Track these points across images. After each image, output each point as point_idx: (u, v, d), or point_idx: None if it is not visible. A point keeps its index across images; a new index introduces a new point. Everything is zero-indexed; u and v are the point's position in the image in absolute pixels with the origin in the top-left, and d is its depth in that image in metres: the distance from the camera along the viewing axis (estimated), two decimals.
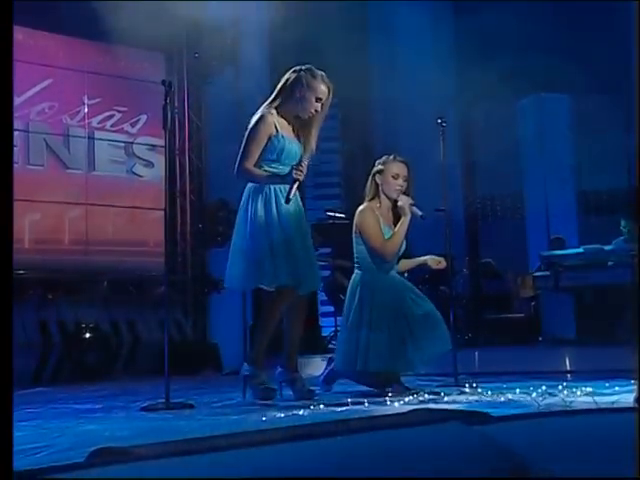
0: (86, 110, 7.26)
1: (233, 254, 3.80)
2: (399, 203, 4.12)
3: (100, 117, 7.36)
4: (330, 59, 8.09)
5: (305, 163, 3.66)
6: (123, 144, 7.51)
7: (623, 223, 7.47)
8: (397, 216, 4.17)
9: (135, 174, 7.57)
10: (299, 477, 1.28)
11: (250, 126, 3.83)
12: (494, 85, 7.80)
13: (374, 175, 4.20)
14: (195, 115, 8.02)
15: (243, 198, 3.84)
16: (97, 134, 7.34)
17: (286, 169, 3.74)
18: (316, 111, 3.84)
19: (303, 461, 1.35)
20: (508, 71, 7.98)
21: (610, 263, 7.02)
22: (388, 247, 4.06)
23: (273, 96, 3.90)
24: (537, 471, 1.41)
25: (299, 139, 3.88)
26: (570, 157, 9.87)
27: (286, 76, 3.92)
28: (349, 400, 3.52)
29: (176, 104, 7.72)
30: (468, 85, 8.75)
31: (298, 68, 3.92)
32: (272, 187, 3.75)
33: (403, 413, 2.23)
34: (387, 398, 3.59)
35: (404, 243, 4.17)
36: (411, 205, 4.09)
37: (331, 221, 7.55)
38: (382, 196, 4.17)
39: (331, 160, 9.36)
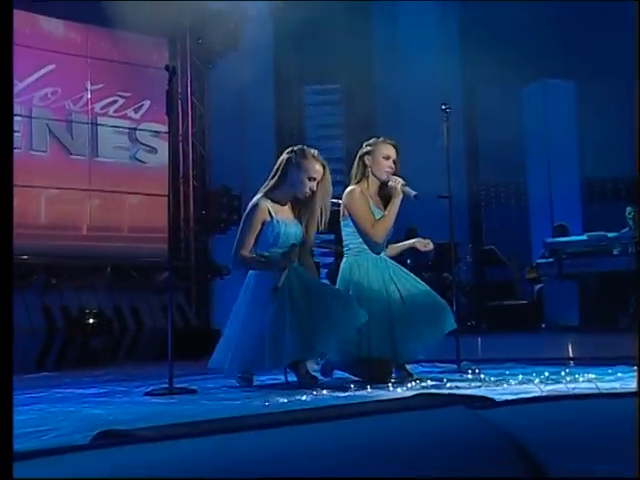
0: (89, 96, 7.24)
1: (222, 340, 3.89)
2: (390, 183, 4.02)
3: (103, 103, 7.34)
4: (333, 44, 8.08)
5: (295, 251, 3.70)
6: (127, 130, 7.50)
7: (628, 210, 7.45)
8: (385, 198, 4.09)
9: (138, 160, 7.56)
10: (301, 460, 1.28)
11: (245, 214, 3.91)
12: (499, 71, 7.76)
13: (362, 157, 4.09)
14: (198, 101, 8.00)
15: (244, 284, 3.92)
16: (100, 120, 7.33)
17: (283, 251, 3.77)
18: (312, 190, 3.83)
19: (305, 444, 1.35)
20: (513, 57, 7.94)
21: (615, 251, 7.00)
22: (379, 229, 3.97)
23: (268, 180, 3.93)
24: (540, 456, 1.41)
25: (301, 221, 3.90)
26: (575, 144, 9.83)
27: (280, 158, 3.95)
28: (352, 386, 3.52)
29: (179, 90, 7.70)
30: (473, 71, 8.71)
31: (290, 149, 3.93)
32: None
33: (406, 398, 2.24)
34: (390, 384, 3.59)
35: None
36: (403, 185, 4.01)
37: (334, 208, 7.53)
38: (371, 178, 4.07)
39: (334, 147, 9.34)
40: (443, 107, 4.61)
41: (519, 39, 8.69)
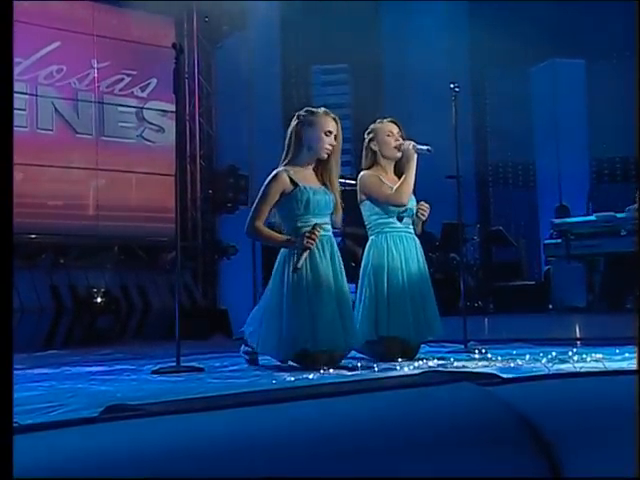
0: (95, 74, 7.21)
1: (268, 320, 3.59)
2: (402, 148, 3.97)
3: (109, 81, 7.32)
4: (341, 24, 8.02)
5: (318, 231, 3.51)
6: (134, 109, 7.48)
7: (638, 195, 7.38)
8: (401, 174, 4.01)
9: (145, 139, 7.55)
10: (307, 434, 1.28)
11: (264, 185, 3.69)
12: (508, 50, 7.69)
13: (368, 145, 4.06)
14: (205, 80, 7.97)
15: (278, 260, 3.65)
16: (106, 98, 7.30)
17: (317, 220, 3.58)
18: (332, 146, 3.67)
19: (312, 419, 1.35)
20: (522, 36, 7.87)
21: (623, 232, 6.97)
22: (400, 190, 3.90)
23: (284, 153, 3.73)
24: (547, 432, 1.41)
25: (327, 187, 3.70)
26: (584, 124, 9.75)
27: (290, 127, 3.75)
28: (359, 364, 3.53)
29: (186, 69, 7.67)
30: (481, 50, 8.64)
31: (297, 113, 3.76)
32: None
33: (413, 374, 2.24)
34: (397, 363, 3.60)
35: (414, 205, 4.07)
36: (414, 146, 3.94)
37: (342, 188, 7.51)
38: (382, 161, 4.03)
39: (342, 127, 9.30)
40: (452, 86, 4.56)
41: (528, 18, 8.60)
